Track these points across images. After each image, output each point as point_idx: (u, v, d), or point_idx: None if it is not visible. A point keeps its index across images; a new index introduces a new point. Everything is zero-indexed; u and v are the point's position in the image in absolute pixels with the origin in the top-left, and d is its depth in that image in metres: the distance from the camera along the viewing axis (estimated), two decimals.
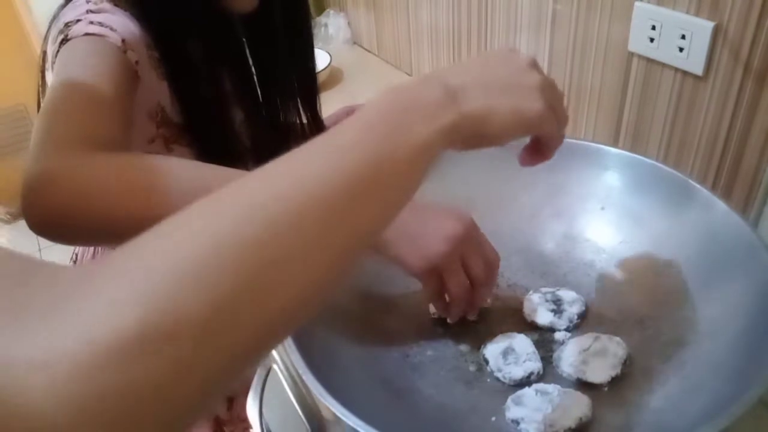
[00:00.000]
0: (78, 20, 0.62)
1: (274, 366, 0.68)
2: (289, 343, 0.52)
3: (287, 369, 0.67)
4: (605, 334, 0.59)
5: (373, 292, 0.66)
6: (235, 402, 0.99)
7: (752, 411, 0.44)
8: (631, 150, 0.69)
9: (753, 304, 0.52)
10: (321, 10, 1.68)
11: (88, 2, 0.66)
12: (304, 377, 0.50)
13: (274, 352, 0.69)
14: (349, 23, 1.61)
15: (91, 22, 0.62)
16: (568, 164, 0.70)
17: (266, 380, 0.69)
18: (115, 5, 0.66)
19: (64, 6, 0.68)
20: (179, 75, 0.68)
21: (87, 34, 0.60)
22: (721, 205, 0.60)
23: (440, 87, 0.35)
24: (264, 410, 0.70)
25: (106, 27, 0.62)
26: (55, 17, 0.68)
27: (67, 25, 0.63)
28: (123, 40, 0.62)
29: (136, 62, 0.63)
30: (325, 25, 1.59)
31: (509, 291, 0.68)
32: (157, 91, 0.68)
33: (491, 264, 0.58)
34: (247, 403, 0.73)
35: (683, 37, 0.82)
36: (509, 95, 0.38)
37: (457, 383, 0.59)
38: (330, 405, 0.48)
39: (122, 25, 0.64)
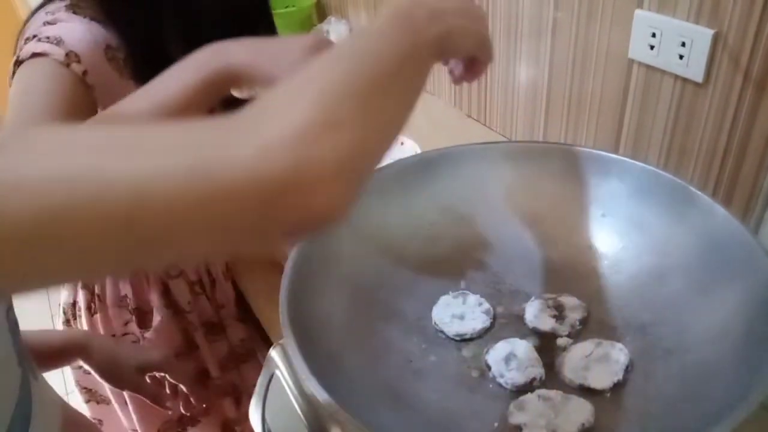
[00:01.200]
0: (34, 36, 0.64)
1: (277, 372, 0.68)
2: (292, 349, 0.53)
3: (290, 375, 0.67)
4: (607, 340, 0.60)
5: (376, 300, 0.66)
6: (243, 401, 0.99)
7: (755, 417, 0.44)
8: (632, 157, 0.69)
9: (753, 310, 0.53)
10: (323, 17, 1.69)
11: (46, 13, 0.66)
12: (307, 383, 0.51)
13: (276, 358, 0.69)
14: (350, 30, 1.62)
15: (40, 39, 0.63)
16: (569, 171, 0.70)
17: (269, 386, 0.69)
18: (74, 12, 0.67)
19: (31, 16, 0.70)
20: (149, 72, 0.69)
21: (33, 54, 0.62)
22: (721, 212, 0.60)
23: (427, 9, 0.46)
24: (267, 416, 0.70)
25: (53, 41, 0.63)
26: (21, 31, 0.69)
27: (26, 41, 0.64)
28: (67, 54, 0.63)
29: (84, 72, 0.64)
30: (327, 32, 1.60)
31: (511, 297, 0.68)
32: (120, 91, 0.67)
33: None
34: (250, 408, 0.73)
35: (683, 44, 0.83)
36: (468, 20, 0.50)
37: (460, 389, 0.59)
38: (334, 411, 0.48)
39: (72, 34, 0.64)
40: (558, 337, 0.62)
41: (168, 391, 0.85)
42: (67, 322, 0.91)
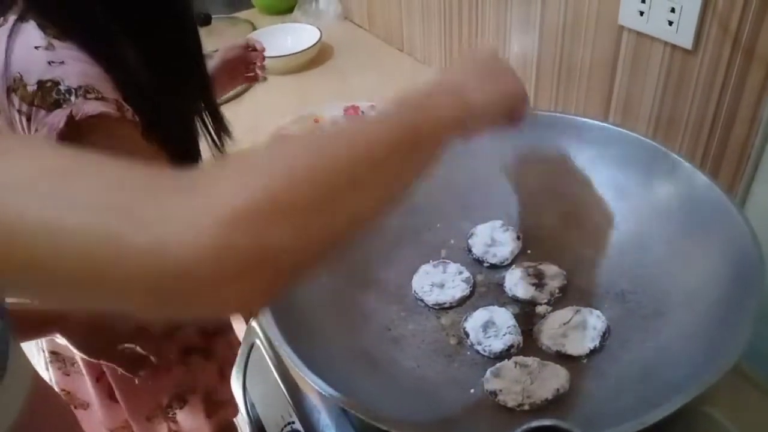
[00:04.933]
0: (54, 82, 0.58)
1: (257, 341, 0.68)
2: (267, 318, 0.52)
3: (270, 344, 0.67)
4: (586, 307, 0.59)
5: (355, 269, 0.65)
6: (226, 375, 0.99)
7: (730, 381, 0.44)
8: (618, 125, 0.68)
9: (730, 277, 0.52)
10: None
11: (37, 47, 0.60)
12: (282, 351, 0.50)
13: (257, 328, 0.69)
14: (339, 1, 1.59)
15: (85, 96, 0.58)
16: (551, 139, 0.69)
17: (249, 355, 0.69)
18: (57, 40, 0.60)
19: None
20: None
21: (89, 117, 0.57)
22: (703, 179, 0.59)
23: (446, 89, 0.46)
24: (248, 385, 0.70)
25: (97, 96, 0.59)
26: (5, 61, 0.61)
27: (42, 86, 0.58)
28: (116, 103, 0.59)
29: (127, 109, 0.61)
30: (316, 0, 1.57)
31: (492, 265, 0.67)
32: None
33: None
34: (232, 377, 0.73)
35: (673, 10, 0.81)
36: (494, 87, 0.50)
37: (438, 356, 0.59)
38: (308, 378, 0.48)
39: (92, 78, 0.60)
40: (537, 304, 0.62)
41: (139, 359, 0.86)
42: None
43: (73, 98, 0.58)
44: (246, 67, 0.99)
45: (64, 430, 0.58)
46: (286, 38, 1.46)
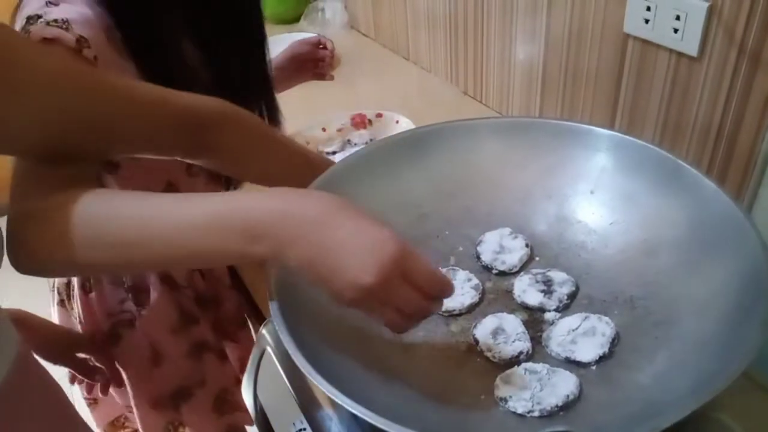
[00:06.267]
0: (38, 16, 0.62)
1: (268, 348, 0.68)
2: (279, 325, 0.53)
3: (280, 351, 0.68)
4: (595, 314, 0.60)
5: None
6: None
7: (740, 387, 0.44)
8: (624, 132, 0.69)
9: (739, 283, 0.52)
10: None
11: None
12: (295, 359, 0.51)
13: (267, 335, 0.69)
14: (346, 7, 1.60)
15: (48, 23, 0.62)
16: (559, 145, 0.70)
17: (260, 362, 0.70)
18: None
19: None
20: (144, 50, 0.68)
21: (44, 39, 0.61)
22: (710, 186, 0.59)
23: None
24: (258, 391, 0.71)
25: (62, 25, 0.62)
26: (18, 6, 0.67)
27: (28, 20, 0.62)
28: (78, 39, 0.62)
29: (95, 57, 0.63)
30: (322, 10, 1.59)
31: (500, 272, 0.68)
32: (123, 71, 0.68)
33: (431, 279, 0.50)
34: (242, 384, 0.74)
35: (678, 18, 0.82)
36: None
37: (448, 363, 0.60)
38: (320, 384, 0.48)
39: (78, 15, 0.63)
40: (546, 311, 0.63)
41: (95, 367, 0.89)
42: (61, 302, 0.91)
43: (39, 23, 0.61)
44: (315, 64, 1.01)
45: (48, 405, 0.58)
46: None
